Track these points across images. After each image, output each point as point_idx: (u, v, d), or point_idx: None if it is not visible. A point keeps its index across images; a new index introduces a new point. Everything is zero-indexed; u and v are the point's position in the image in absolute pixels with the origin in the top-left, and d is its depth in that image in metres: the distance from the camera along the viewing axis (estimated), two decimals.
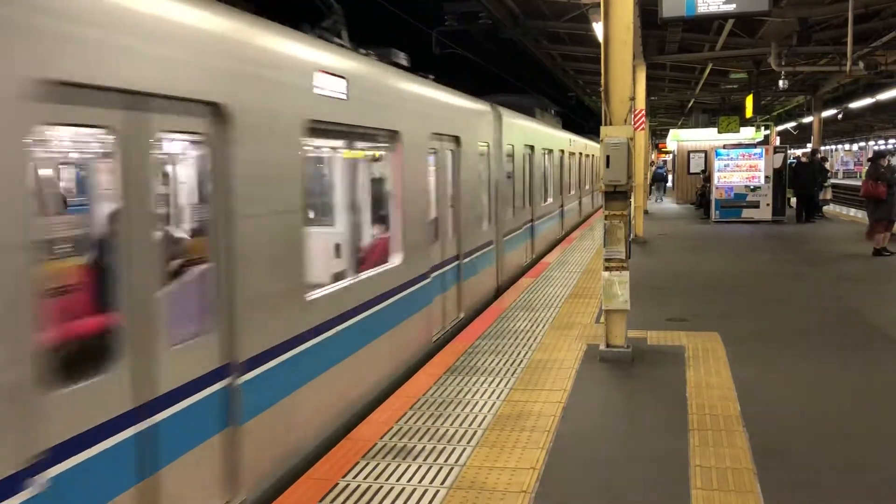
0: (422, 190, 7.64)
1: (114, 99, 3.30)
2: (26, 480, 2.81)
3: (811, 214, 20.99)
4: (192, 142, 4.23)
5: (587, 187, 24.98)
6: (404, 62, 7.84)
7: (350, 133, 6.13)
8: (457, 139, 9.01)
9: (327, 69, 5.43)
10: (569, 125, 23.90)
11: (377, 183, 7.04)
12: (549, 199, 16.66)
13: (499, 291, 11.19)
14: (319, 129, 5.35)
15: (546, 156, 16.06)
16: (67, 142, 4.05)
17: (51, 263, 3.28)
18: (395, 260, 6.90)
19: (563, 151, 18.56)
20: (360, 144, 6.48)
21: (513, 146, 12.30)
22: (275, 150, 4.66)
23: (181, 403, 3.74)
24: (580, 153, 22.50)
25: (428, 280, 7.74)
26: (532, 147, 14.09)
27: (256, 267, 4.38)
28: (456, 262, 8.97)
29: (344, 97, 5.68)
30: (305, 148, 5.09)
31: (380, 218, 7.12)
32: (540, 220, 15.16)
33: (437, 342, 8.04)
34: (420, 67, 8.42)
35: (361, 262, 6.38)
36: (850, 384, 6.25)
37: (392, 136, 6.84)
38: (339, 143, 6.27)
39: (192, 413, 3.83)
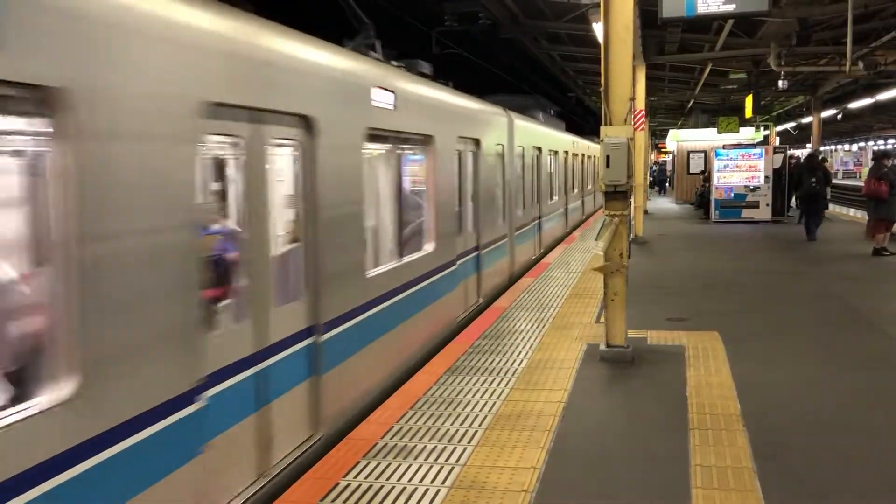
0: (450, 187, 8.42)
1: (244, 115, 4.18)
2: (196, 396, 3.66)
3: None
4: (290, 146, 4.95)
5: (589, 187, 25.23)
6: (428, 71, 8.49)
7: (395, 138, 6.93)
8: (477, 142, 9.75)
9: (381, 85, 6.25)
10: (569, 125, 23.92)
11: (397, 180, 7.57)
12: (555, 198, 17.15)
13: (511, 280, 11.88)
14: (374, 135, 6.18)
15: (552, 157, 16.53)
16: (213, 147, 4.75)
17: (203, 240, 3.97)
18: (429, 248, 7.70)
19: (566, 153, 19.00)
20: (404, 147, 7.29)
21: (523, 148, 12.96)
22: (345, 153, 5.54)
23: (282, 353, 4.61)
24: (582, 154, 22.77)
25: (454, 267, 8.57)
26: (539, 149, 14.72)
27: (332, 247, 5.25)
28: (476, 253, 9.76)
29: (392, 108, 6.48)
30: (365, 151, 5.94)
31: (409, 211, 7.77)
32: (546, 217, 15.70)
33: (461, 322, 8.84)
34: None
35: (401, 250, 7.19)
36: (850, 382, 6.25)
37: (427, 139, 7.65)
38: (386, 146, 6.99)
39: (289, 362, 4.71)
